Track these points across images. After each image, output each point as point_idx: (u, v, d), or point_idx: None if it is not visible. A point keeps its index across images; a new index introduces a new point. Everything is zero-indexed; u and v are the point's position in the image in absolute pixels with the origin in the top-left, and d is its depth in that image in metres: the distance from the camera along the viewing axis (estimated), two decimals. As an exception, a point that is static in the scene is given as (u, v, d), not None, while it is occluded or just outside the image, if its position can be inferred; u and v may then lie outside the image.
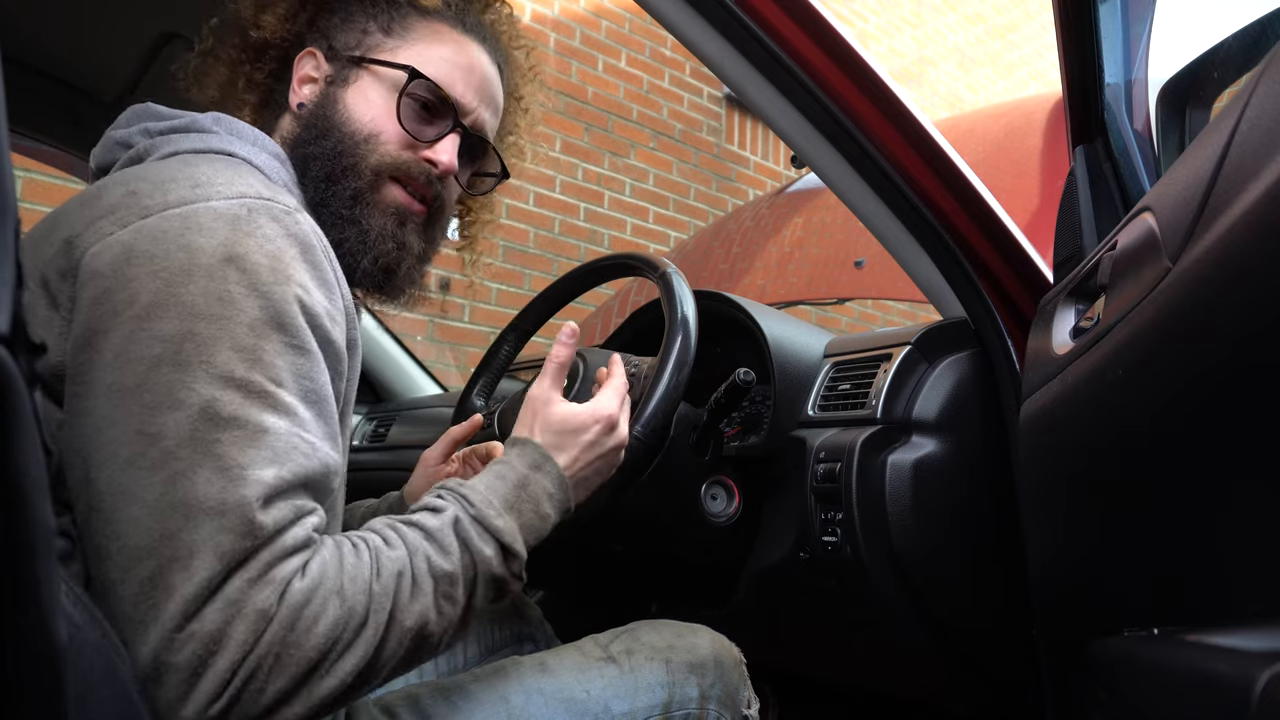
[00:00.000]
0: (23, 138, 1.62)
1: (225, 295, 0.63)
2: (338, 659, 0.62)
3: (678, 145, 4.66)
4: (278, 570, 0.60)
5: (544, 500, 0.81)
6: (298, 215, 0.71)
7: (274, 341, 0.65)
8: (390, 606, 0.65)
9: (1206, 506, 0.68)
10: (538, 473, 0.82)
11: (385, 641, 0.65)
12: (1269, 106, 0.57)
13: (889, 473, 1.08)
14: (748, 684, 0.98)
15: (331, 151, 0.84)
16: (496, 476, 0.80)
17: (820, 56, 1.03)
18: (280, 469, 0.62)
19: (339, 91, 0.87)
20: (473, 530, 0.73)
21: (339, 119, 0.85)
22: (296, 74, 0.89)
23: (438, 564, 0.69)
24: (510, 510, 0.78)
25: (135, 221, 0.66)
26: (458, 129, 0.89)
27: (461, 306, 3.69)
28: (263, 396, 0.63)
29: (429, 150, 0.87)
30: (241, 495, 0.59)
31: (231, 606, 0.58)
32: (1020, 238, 1.13)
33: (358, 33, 0.89)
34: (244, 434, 0.61)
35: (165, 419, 0.60)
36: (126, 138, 0.80)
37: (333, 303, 0.72)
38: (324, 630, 0.61)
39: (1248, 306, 0.57)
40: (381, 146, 0.85)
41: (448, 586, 0.70)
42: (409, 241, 0.88)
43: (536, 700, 0.86)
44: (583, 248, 4.17)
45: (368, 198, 0.85)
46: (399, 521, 0.72)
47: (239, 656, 0.58)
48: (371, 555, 0.67)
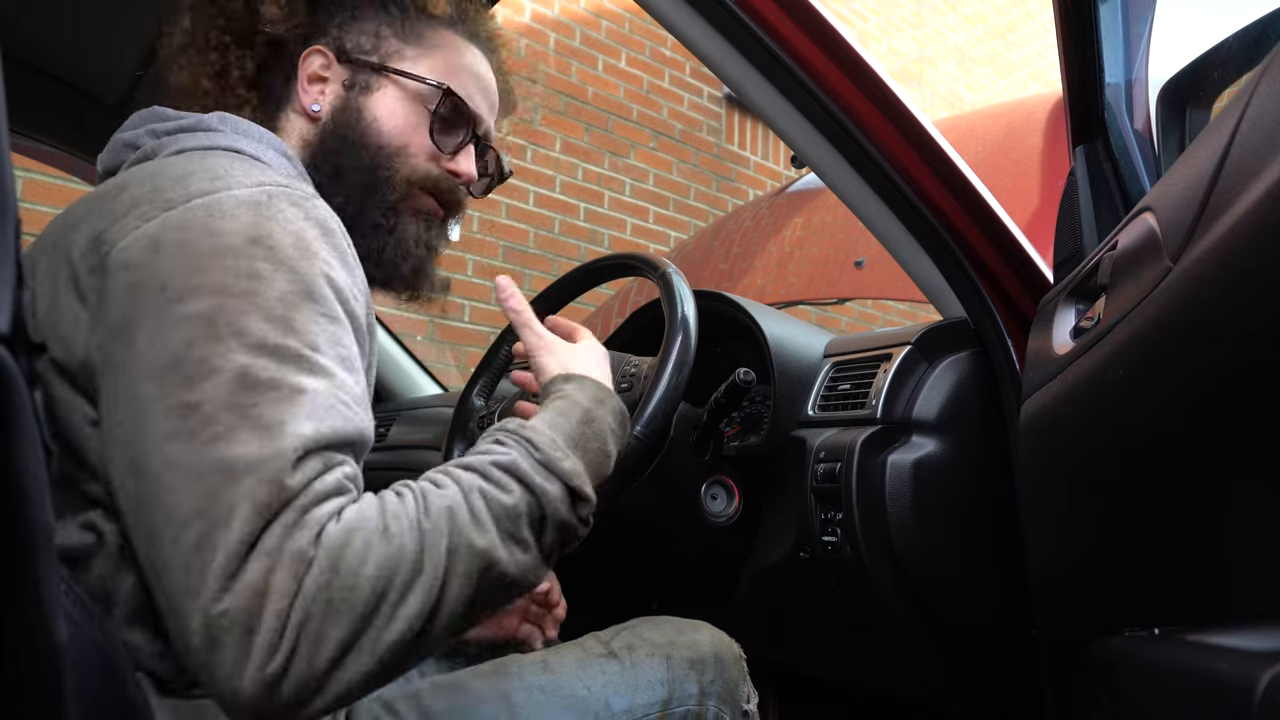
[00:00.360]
0: (23, 138, 1.62)
1: (254, 272, 0.64)
2: (398, 602, 0.59)
3: (678, 145, 4.66)
4: (311, 515, 0.58)
5: (609, 437, 0.79)
6: (315, 201, 0.72)
7: (306, 311, 0.65)
8: (445, 543, 0.62)
9: (1207, 506, 0.68)
10: (601, 407, 0.81)
11: (448, 581, 0.61)
12: (1270, 106, 0.57)
13: (889, 473, 1.08)
14: (747, 680, 0.98)
15: (367, 164, 0.86)
16: (559, 413, 0.78)
17: (820, 56, 1.03)
18: (319, 424, 0.61)
19: (362, 100, 0.87)
20: (538, 474, 0.69)
21: (366, 128, 0.86)
22: (303, 71, 0.88)
23: (496, 499, 0.66)
24: (577, 449, 0.75)
25: (160, 214, 0.67)
26: (473, 139, 0.92)
27: (461, 306, 3.69)
28: (298, 360, 0.63)
29: (450, 161, 0.90)
30: (278, 448, 0.59)
31: (269, 556, 0.56)
32: (1020, 238, 1.13)
33: (371, 36, 0.89)
34: (281, 394, 0.61)
35: (202, 387, 0.60)
36: (134, 139, 0.80)
37: (354, 281, 0.72)
38: (372, 571, 0.58)
39: (1248, 306, 0.57)
40: (411, 159, 0.88)
41: (510, 525, 0.66)
42: (435, 244, 0.91)
43: (538, 697, 0.86)
44: (583, 248, 4.17)
45: (401, 207, 0.88)
46: (451, 464, 0.70)
47: (284, 605, 0.55)
48: (417, 497, 0.64)
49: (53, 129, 1.59)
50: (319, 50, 0.88)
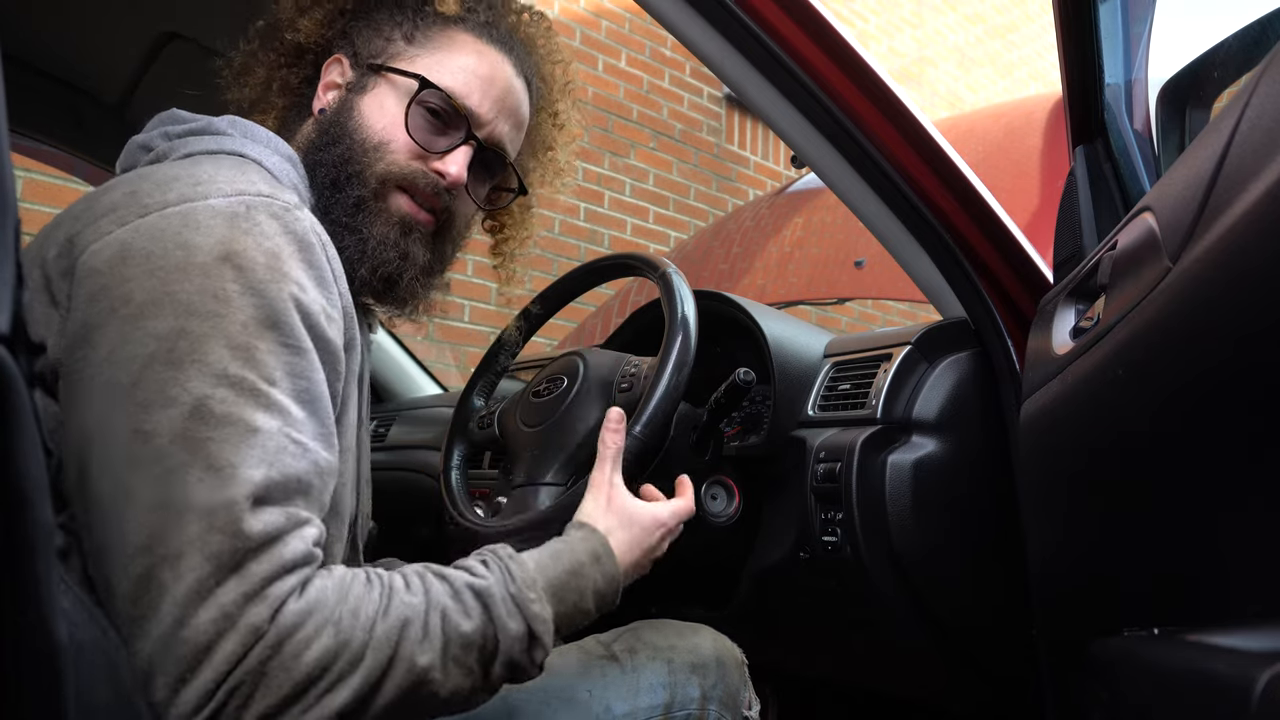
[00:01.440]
0: (23, 138, 1.62)
1: (220, 293, 0.63)
2: (327, 691, 0.60)
3: (678, 145, 4.66)
4: (275, 587, 0.59)
5: (590, 595, 0.78)
6: (297, 212, 0.71)
7: (268, 340, 0.64)
8: (392, 652, 0.63)
9: (1206, 506, 0.68)
10: (595, 565, 0.79)
11: (380, 686, 0.62)
12: (1269, 106, 0.57)
13: (889, 473, 1.07)
14: (749, 685, 0.98)
15: (340, 158, 0.84)
16: (550, 556, 0.77)
17: (820, 56, 1.03)
18: (270, 469, 0.61)
19: (357, 99, 0.87)
20: (504, 606, 0.69)
21: (352, 126, 0.85)
22: (323, 79, 0.89)
23: (455, 623, 0.67)
24: (553, 597, 0.74)
25: (134, 220, 0.66)
26: (471, 141, 0.88)
27: (461, 306, 3.69)
28: (255, 395, 0.62)
29: (438, 161, 0.86)
30: (230, 495, 0.59)
31: (226, 620, 0.57)
32: (1020, 238, 1.13)
33: (382, 40, 0.89)
34: (235, 432, 0.61)
35: (158, 416, 0.60)
36: (147, 141, 0.80)
37: (330, 301, 0.71)
38: (313, 658, 0.60)
39: (1248, 306, 0.57)
40: (390, 155, 0.84)
41: (459, 651, 0.66)
42: (412, 252, 0.86)
43: (538, 699, 0.86)
44: (583, 248, 4.17)
45: (371, 205, 0.84)
46: (430, 570, 0.70)
47: (225, 669, 0.57)
48: (383, 594, 0.65)
49: (53, 129, 1.59)
50: (337, 59, 0.89)
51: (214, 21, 0.96)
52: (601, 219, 4.28)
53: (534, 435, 1.11)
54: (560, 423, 1.10)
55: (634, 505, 0.88)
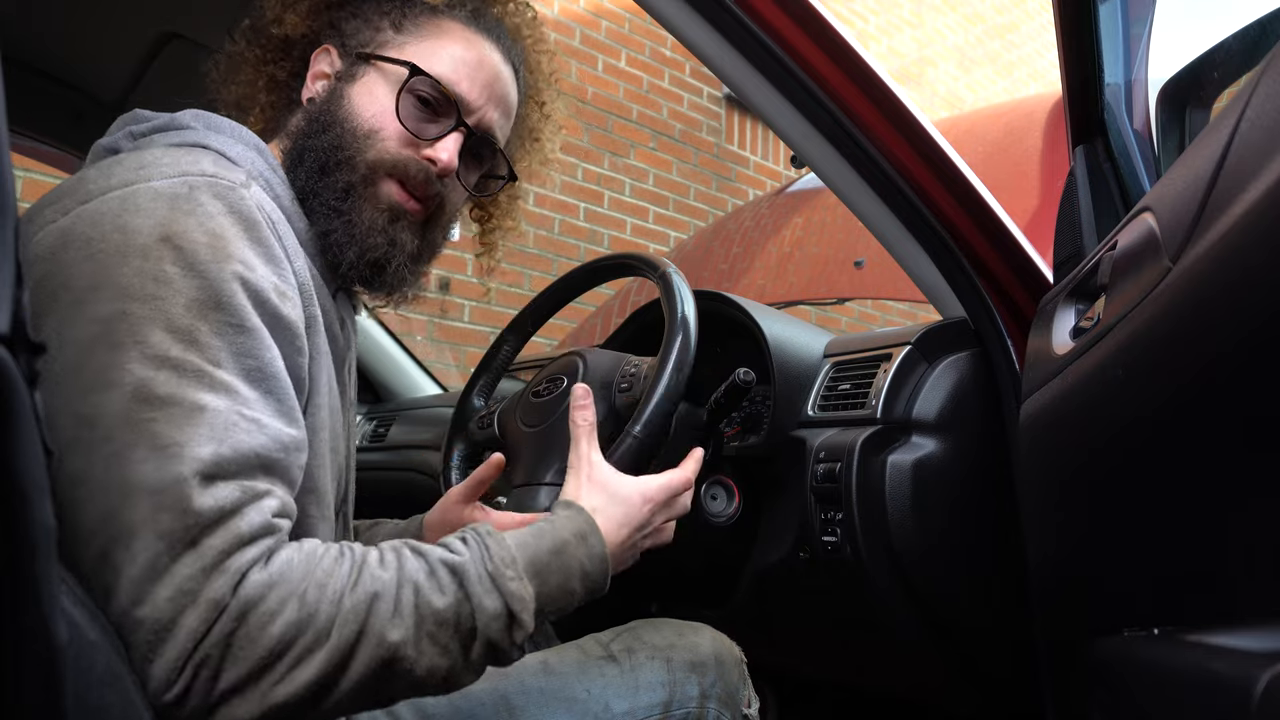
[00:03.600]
0: (23, 138, 1.62)
1: (160, 275, 0.63)
2: (294, 665, 0.60)
3: (678, 145, 4.66)
4: (234, 560, 0.59)
5: (575, 575, 0.75)
6: (242, 190, 0.69)
7: (211, 321, 0.64)
8: (360, 625, 0.62)
9: (1206, 506, 0.68)
10: (581, 544, 0.76)
11: (351, 660, 0.62)
12: (1269, 106, 0.57)
13: (889, 473, 1.07)
14: (748, 683, 0.98)
15: (330, 145, 0.83)
16: (534, 534, 0.75)
17: (820, 56, 1.03)
18: (219, 446, 0.60)
19: (346, 87, 0.86)
20: (480, 584, 0.68)
21: (342, 114, 0.85)
22: (311, 70, 0.89)
23: (427, 598, 0.65)
24: (534, 576, 0.72)
25: (76, 207, 0.66)
26: (461, 128, 0.87)
27: (461, 306, 3.69)
28: (198, 376, 0.62)
29: (429, 148, 0.86)
30: (177, 472, 0.59)
31: (185, 595, 0.57)
32: (1020, 238, 1.13)
33: (371, 30, 0.89)
34: (179, 411, 0.60)
35: (100, 400, 0.60)
36: (113, 143, 0.79)
37: (282, 278, 0.70)
38: (278, 631, 0.59)
39: (1248, 306, 0.57)
40: (380, 143, 0.84)
41: (433, 626, 0.65)
42: (401, 239, 0.85)
43: (537, 699, 0.86)
44: (583, 248, 4.17)
45: (360, 191, 0.83)
46: (407, 545, 0.69)
47: (189, 645, 0.57)
48: (353, 568, 0.64)
49: (52, 129, 1.59)
50: (326, 49, 0.89)
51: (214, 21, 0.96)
52: (601, 219, 4.28)
53: (534, 435, 1.11)
54: (560, 423, 1.10)
55: (618, 480, 0.85)
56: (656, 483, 0.87)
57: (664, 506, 0.88)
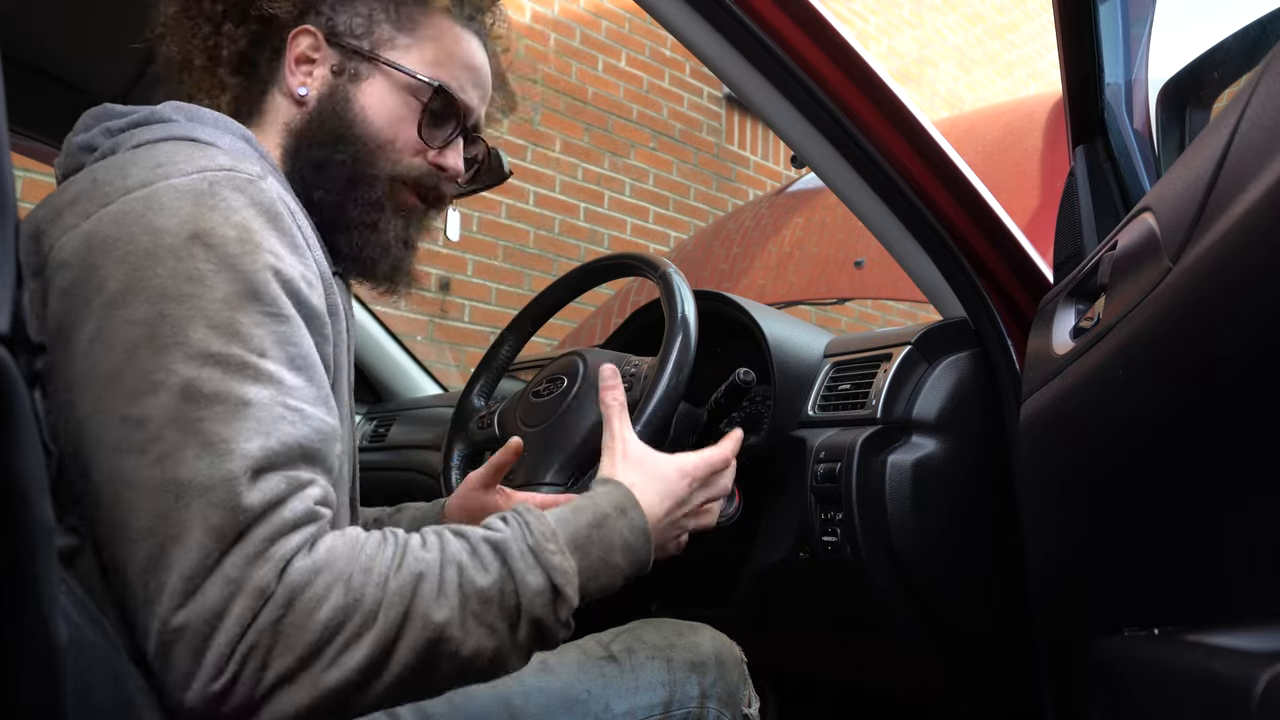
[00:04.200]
0: (23, 138, 1.62)
1: (194, 274, 0.63)
2: (343, 649, 0.60)
3: (678, 145, 4.66)
4: (278, 547, 0.59)
5: (617, 548, 0.75)
6: (261, 183, 0.70)
7: (250, 313, 0.64)
8: (405, 606, 0.62)
9: (1206, 506, 0.68)
10: (621, 517, 0.76)
11: (397, 642, 0.62)
12: (1269, 106, 0.57)
13: (889, 473, 1.07)
14: (748, 683, 0.98)
15: (351, 158, 0.83)
16: (572, 509, 0.75)
17: (820, 56, 1.03)
18: (267, 439, 0.61)
19: (351, 89, 0.84)
20: (522, 560, 0.67)
21: (353, 120, 0.83)
22: (291, 52, 0.85)
23: (470, 577, 0.65)
24: (575, 550, 0.71)
25: (97, 210, 0.65)
26: (463, 132, 0.89)
27: (461, 306, 3.69)
28: (243, 369, 0.62)
29: (438, 156, 0.87)
30: (228, 470, 0.59)
31: (231, 584, 0.57)
32: (1020, 238, 1.13)
33: (364, 19, 0.86)
34: (226, 409, 0.60)
35: (147, 403, 0.60)
36: (88, 141, 0.78)
37: (307, 266, 0.71)
38: (325, 616, 0.59)
39: (1248, 306, 0.57)
40: (395, 154, 0.85)
41: (478, 605, 0.65)
42: (412, 239, 0.89)
43: (537, 699, 0.86)
44: (583, 248, 4.17)
45: (384, 204, 0.85)
46: (448, 528, 0.69)
47: (238, 632, 0.57)
48: (397, 551, 0.65)
49: (52, 129, 1.59)
50: (308, 30, 0.84)
51: None
52: (601, 219, 4.28)
53: (534, 435, 1.11)
54: (560, 423, 1.10)
55: (655, 456, 0.85)
56: (694, 459, 0.87)
57: (703, 484, 0.87)
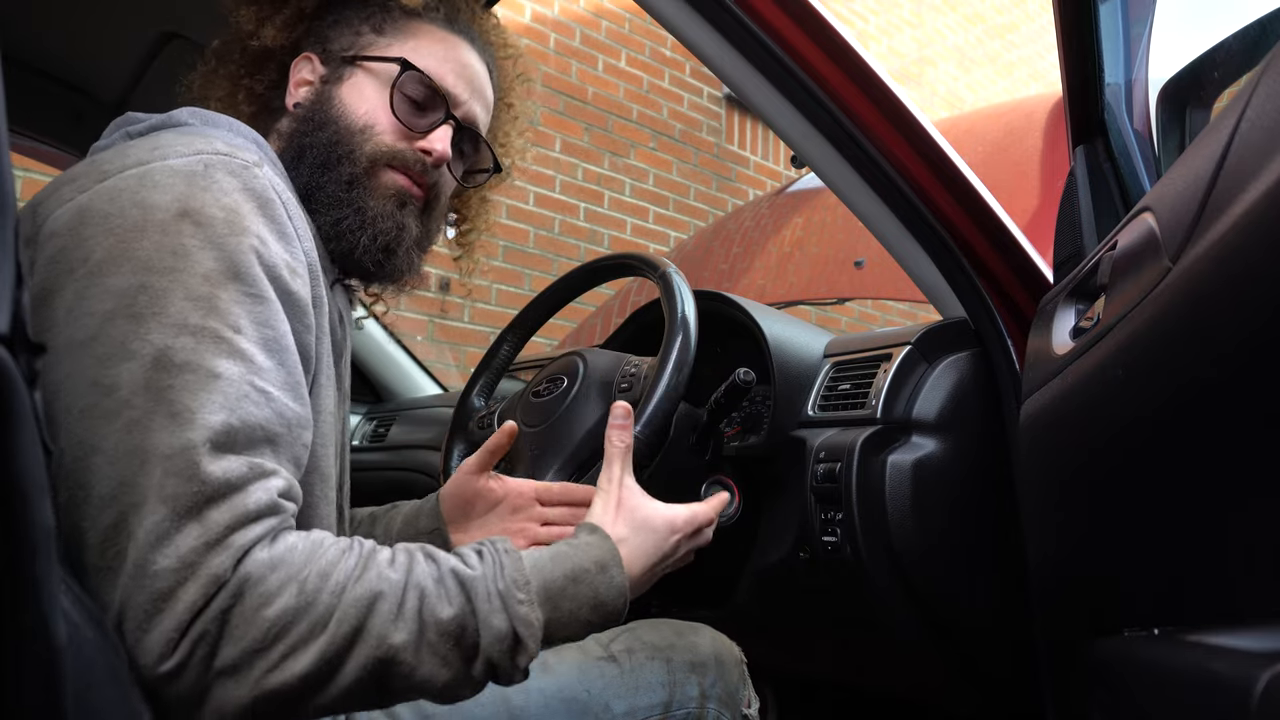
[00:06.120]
0: (23, 138, 1.62)
1: (179, 249, 0.64)
2: (289, 654, 0.59)
3: (678, 145, 4.66)
4: (238, 536, 0.59)
5: (589, 605, 0.73)
6: (256, 170, 0.71)
7: (230, 290, 0.64)
8: (359, 623, 0.61)
9: (1206, 506, 0.68)
10: (600, 574, 0.74)
11: (346, 656, 0.61)
12: (1269, 106, 0.57)
13: (889, 473, 1.07)
14: (748, 683, 0.98)
15: (328, 141, 0.86)
16: (551, 557, 0.73)
17: (820, 56, 1.03)
18: (230, 415, 0.61)
19: (333, 89, 0.89)
20: (487, 601, 0.66)
21: (335, 112, 0.87)
22: (293, 77, 0.91)
23: (432, 607, 0.64)
24: (546, 601, 0.70)
25: (93, 186, 0.67)
26: (450, 120, 0.91)
27: (461, 306, 3.69)
28: (217, 342, 0.62)
29: (423, 140, 0.89)
30: (188, 438, 0.59)
31: (186, 567, 0.57)
32: (1020, 238, 1.13)
33: (351, 35, 0.92)
34: (195, 378, 0.61)
35: (119, 369, 0.60)
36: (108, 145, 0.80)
37: (293, 255, 0.71)
38: (274, 614, 0.59)
39: (1248, 306, 0.57)
40: (376, 137, 0.87)
41: (435, 636, 0.64)
42: (407, 224, 0.88)
43: (537, 699, 0.86)
44: (583, 248, 4.17)
45: (364, 182, 0.86)
46: (422, 550, 0.68)
47: (187, 618, 0.57)
48: (360, 562, 0.64)
49: (52, 129, 1.59)
50: (307, 57, 0.92)
51: (214, 22, 0.96)
52: (601, 219, 4.28)
53: (534, 435, 1.11)
54: (560, 423, 1.10)
55: (648, 507, 0.83)
56: (684, 515, 0.85)
57: (689, 538, 0.86)
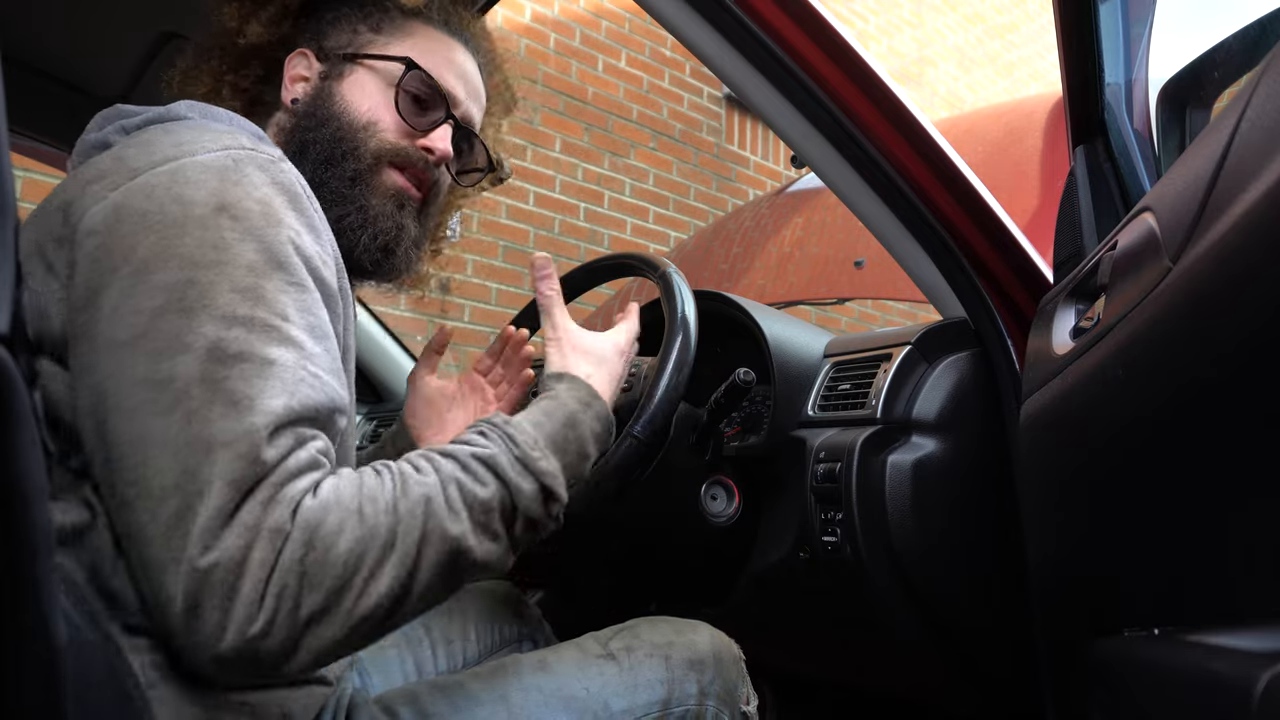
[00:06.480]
0: (23, 138, 1.62)
1: (220, 242, 0.65)
2: (369, 578, 0.62)
3: (678, 145, 4.66)
4: (287, 490, 0.61)
5: (589, 440, 0.82)
6: (282, 164, 0.72)
7: (274, 280, 0.66)
8: (421, 527, 0.65)
9: (1206, 506, 0.68)
10: (586, 411, 0.83)
11: (419, 563, 0.64)
12: (1269, 106, 0.57)
13: (889, 473, 1.07)
14: (746, 681, 0.98)
15: (331, 137, 0.87)
16: (544, 413, 0.80)
17: (820, 56, 1.03)
18: (290, 399, 0.63)
19: (334, 85, 0.90)
20: (513, 470, 0.72)
21: (337, 108, 0.88)
22: (288, 73, 0.92)
23: (471, 490, 0.69)
24: (556, 450, 0.77)
25: (125, 183, 0.67)
26: (450, 119, 0.92)
27: (461, 306, 3.69)
28: (268, 330, 0.64)
29: (424, 139, 0.91)
30: (251, 423, 0.60)
31: (249, 531, 0.58)
32: (1020, 238, 1.13)
33: (348, 33, 0.93)
34: (252, 367, 0.62)
35: (174, 363, 0.61)
36: (102, 139, 0.80)
37: (323, 247, 0.73)
38: (345, 548, 0.61)
39: (1248, 306, 0.57)
40: (380, 134, 0.88)
41: (483, 516, 0.69)
42: (406, 224, 0.90)
43: (536, 698, 0.86)
44: (583, 248, 4.17)
45: (367, 179, 0.87)
46: (434, 450, 0.72)
47: (263, 575, 0.58)
48: (395, 479, 0.67)
49: (52, 129, 1.59)
50: (302, 53, 0.92)
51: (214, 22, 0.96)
52: (601, 219, 4.28)
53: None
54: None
55: (596, 341, 0.91)
56: (624, 336, 0.95)
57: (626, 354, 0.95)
